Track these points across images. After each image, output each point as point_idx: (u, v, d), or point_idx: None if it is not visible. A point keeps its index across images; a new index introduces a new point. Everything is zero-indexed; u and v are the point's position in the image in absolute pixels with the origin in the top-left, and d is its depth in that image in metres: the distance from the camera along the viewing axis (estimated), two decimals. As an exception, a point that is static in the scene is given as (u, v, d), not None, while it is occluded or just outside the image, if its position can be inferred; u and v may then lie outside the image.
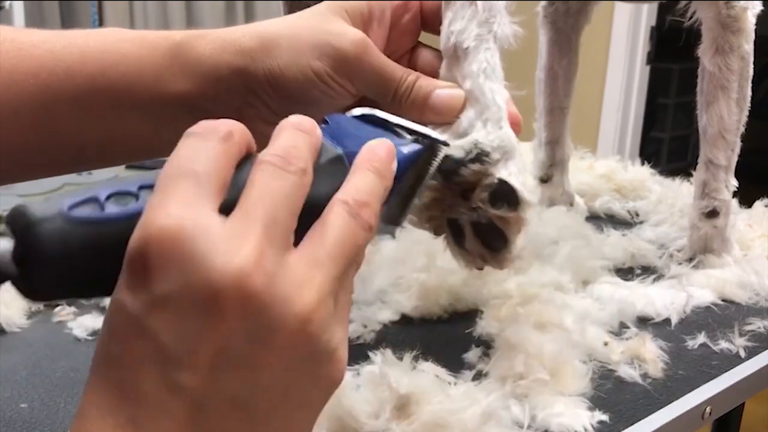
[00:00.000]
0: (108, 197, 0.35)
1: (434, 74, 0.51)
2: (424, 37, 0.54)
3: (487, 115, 0.48)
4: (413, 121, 0.46)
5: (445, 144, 0.46)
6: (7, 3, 1.91)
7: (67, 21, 2.41)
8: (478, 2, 0.49)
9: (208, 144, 0.34)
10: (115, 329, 0.32)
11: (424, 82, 0.49)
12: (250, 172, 0.35)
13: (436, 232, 0.53)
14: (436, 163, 0.47)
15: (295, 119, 0.38)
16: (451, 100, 0.49)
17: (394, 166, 0.40)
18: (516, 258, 0.51)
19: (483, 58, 0.49)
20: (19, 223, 0.33)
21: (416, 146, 0.45)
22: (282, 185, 0.34)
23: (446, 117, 0.49)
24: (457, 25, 0.49)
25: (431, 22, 0.52)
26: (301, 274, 0.33)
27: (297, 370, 0.33)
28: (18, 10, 2.01)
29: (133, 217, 0.33)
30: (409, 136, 0.45)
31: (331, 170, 0.38)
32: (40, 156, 0.49)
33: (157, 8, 2.58)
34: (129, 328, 0.31)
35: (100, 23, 2.40)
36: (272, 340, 0.32)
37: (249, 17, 2.78)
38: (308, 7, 0.51)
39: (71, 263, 0.33)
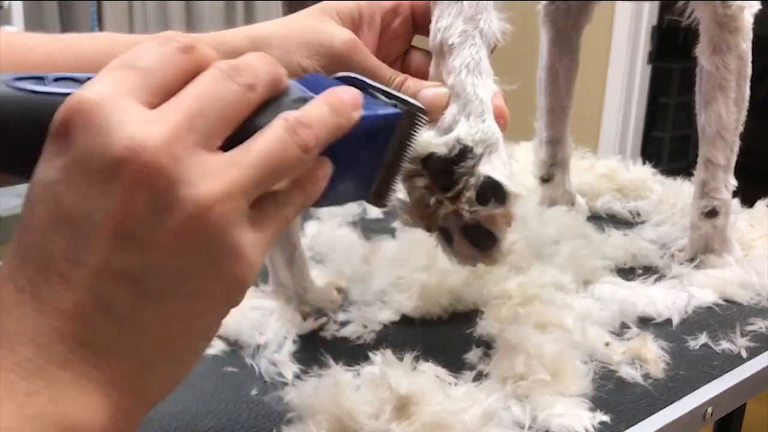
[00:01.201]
0: (55, 80, 0.37)
1: (427, 76, 0.52)
2: (418, 41, 0.54)
3: (469, 109, 0.49)
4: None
5: (423, 111, 0.46)
6: (6, 3, 1.91)
7: (66, 21, 2.40)
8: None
9: (162, 48, 0.36)
10: (29, 197, 0.33)
11: (412, 83, 0.50)
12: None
13: (429, 229, 0.53)
14: (417, 134, 0.46)
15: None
16: (435, 98, 0.49)
17: (356, 114, 0.40)
18: (507, 253, 0.51)
19: (467, 54, 0.49)
20: None
21: (393, 109, 0.44)
22: (222, 90, 0.35)
23: (432, 115, 0.50)
24: (443, 22, 0.49)
25: (423, 24, 0.53)
26: (213, 167, 0.33)
27: (193, 257, 0.33)
28: (17, 10, 2.00)
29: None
30: (387, 101, 0.45)
31: (292, 107, 0.38)
32: None
33: (157, 8, 2.57)
34: (39, 194, 0.33)
35: (99, 23, 2.40)
36: (168, 220, 0.32)
37: (249, 17, 2.78)
38: (308, 6, 0.51)
39: (6, 128, 0.35)
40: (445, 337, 0.66)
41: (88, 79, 0.36)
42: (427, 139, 0.49)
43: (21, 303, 0.32)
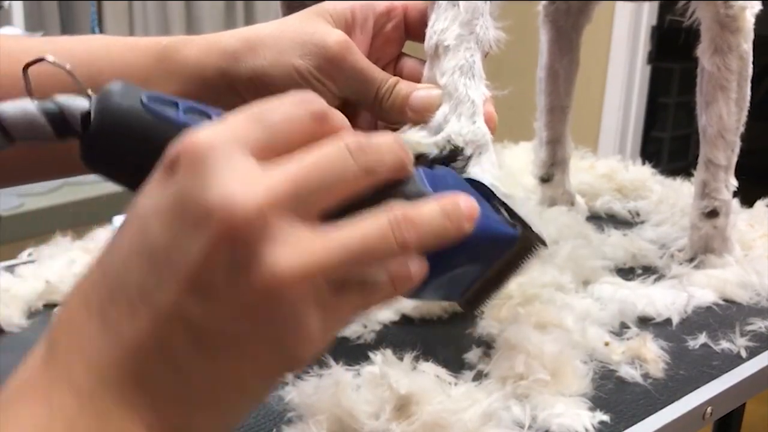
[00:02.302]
0: (187, 109, 0.37)
1: (418, 82, 0.52)
2: (410, 47, 0.55)
3: (460, 110, 0.49)
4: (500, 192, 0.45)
5: (542, 242, 0.45)
6: (6, 3, 1.91)
7: (66, 21, 2.40)
8: (461, 4, 0.49)
9: (295, 109, 0.35)
10: (126, 218, 0.34)
11: (404, 85, 0.50)
12: None
13: None
14: (529, 261, 0.45)
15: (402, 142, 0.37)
16: (429, 99, 0.50)
17: (468, 226, 0.37)
18: None
19: (462, 56, 0.49)
20: (101, 90, 0.36)
21: (510, 230, 0.43)
22: (339, 166, 0.34)
23: (424, 116, 0.50)
24: (439, 24, 0.50)
25: (415, 30, 0.53)
26: (302, 240, 0.32)
27: (256, 324, 0.33)
28: (17, 10, 2.00)
29: None
30: (509, 218, 0.44)
31: (406, 198, 0.37)
32: (35, 161, 0.50)
33: (157, 8, 2.57)
34: (133, 220, 0.33)
35: (99, 23, 2.40)
36: (242, 282, 0.32)
37: (249, 17, 2.77)
38: (306, 7, 0.51)
39: (126, 142, 0.36)
40: (445, 336, 0.66)
41: (218, 115, 0.36)
42: (417, 140, 0.49)
43: (88, 322, 0.32)
